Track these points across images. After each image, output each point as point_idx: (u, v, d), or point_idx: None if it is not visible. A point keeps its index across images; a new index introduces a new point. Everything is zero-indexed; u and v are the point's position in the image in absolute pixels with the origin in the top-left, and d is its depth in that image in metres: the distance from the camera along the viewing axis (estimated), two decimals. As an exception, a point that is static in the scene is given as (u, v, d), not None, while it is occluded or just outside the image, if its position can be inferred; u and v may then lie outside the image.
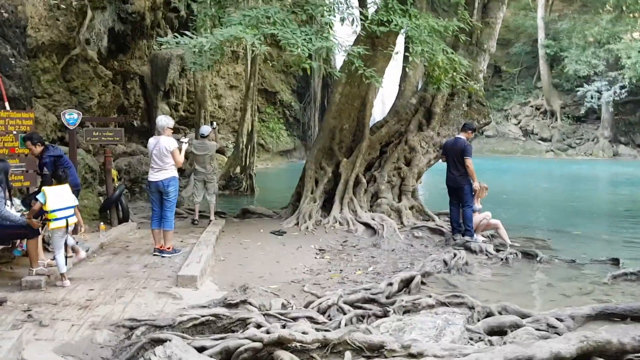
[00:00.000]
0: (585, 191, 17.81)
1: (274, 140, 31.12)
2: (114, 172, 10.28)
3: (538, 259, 7.76)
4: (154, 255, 7.29)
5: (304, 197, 9.98)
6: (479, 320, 5.20)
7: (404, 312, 5.44)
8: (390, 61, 10.05)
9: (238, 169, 17.01)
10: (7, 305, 5.20)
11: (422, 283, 6.52)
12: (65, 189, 6.07)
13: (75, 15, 13.12)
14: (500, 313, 5.32)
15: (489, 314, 5.33)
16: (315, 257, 7.95)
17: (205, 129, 10.51)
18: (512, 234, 9.26)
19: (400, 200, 10.27)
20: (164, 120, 7.44)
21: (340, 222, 9.53)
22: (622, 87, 31.11)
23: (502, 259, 7.82)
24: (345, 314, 5.37)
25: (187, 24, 20.95)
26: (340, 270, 7.24)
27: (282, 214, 10.46)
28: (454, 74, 9.29)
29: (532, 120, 36.27)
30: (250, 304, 5.29)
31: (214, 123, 11.57)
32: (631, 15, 29.70)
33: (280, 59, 30.14)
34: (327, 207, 10.09)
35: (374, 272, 7.19)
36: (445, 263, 7.43)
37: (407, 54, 9.03)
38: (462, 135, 8.81)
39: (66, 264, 5.96)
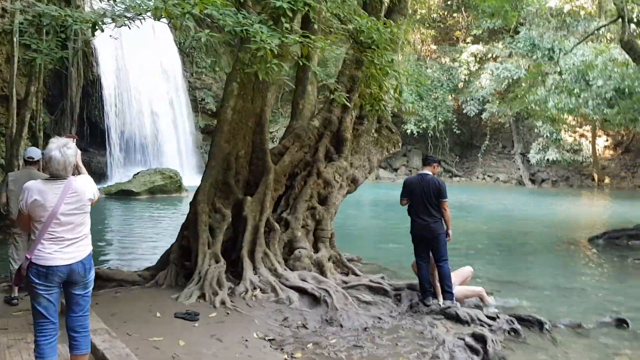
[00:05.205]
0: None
1: (16, 160, 24.87)
2: None
3: (547, 327, 6.28)
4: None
5: (201, 255, 6.89)
6: None
7: None
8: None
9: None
10: None
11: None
12: None
13: None
14: None
15: None
16: (286, 358, 5.19)
17: (34, 151, 6.59)
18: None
19: (317, 249, 7.91)
20: (64, 151, 3.83)
21: (261, 289, 6.77)
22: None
23: (508, 331, 6.14)
24: None
25: None
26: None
27: (160, 278, 7.09)
28: (396, 91, 7.45)
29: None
30: None
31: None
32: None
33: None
34: (228, 262, 7.20)
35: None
36: (474, 350, 5.44)
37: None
38: (428, 171, 6.97)
39: None
